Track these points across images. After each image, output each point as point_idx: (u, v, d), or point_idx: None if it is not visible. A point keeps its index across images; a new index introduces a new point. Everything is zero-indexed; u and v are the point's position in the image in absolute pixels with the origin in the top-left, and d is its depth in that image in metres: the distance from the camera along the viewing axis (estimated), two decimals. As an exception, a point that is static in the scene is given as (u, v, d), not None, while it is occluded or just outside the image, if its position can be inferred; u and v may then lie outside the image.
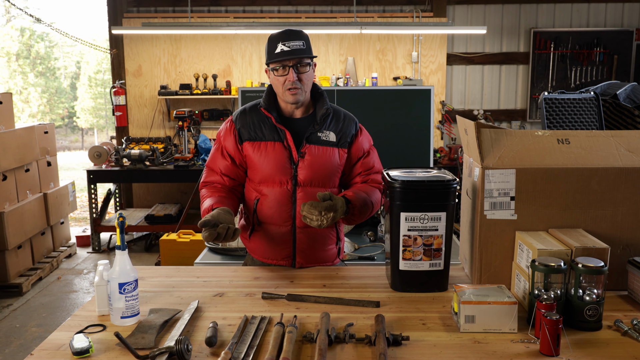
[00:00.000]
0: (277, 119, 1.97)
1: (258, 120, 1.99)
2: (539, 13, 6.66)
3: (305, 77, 1.92)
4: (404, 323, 1.53)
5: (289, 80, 1.89)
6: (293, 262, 2.04)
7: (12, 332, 3.83)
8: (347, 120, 2.06)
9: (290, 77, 1.89)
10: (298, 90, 1.91)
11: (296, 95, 1.92)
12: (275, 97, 2.02)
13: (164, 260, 4.40)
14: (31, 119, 19.97)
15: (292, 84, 1.89)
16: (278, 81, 1.92)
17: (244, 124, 2.00)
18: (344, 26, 6.07)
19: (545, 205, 1.71)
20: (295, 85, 1.90)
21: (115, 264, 1.51)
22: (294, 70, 1.89)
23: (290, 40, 1.88)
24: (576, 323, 1.47)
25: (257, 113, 2.01)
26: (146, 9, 6.72)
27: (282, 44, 1.87)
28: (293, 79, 1.89)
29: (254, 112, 2.02)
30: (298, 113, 2.02)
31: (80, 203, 8.45)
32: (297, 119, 2.02)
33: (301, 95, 1.93)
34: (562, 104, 3.15)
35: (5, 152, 4.55)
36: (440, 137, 6.79)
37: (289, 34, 1.90)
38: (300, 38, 1.90)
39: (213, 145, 2.11)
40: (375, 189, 2.04)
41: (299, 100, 1.94)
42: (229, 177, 2.05)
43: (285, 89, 1.91)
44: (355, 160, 2.07)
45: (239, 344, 1.38)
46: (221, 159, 2.05)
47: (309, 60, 1.92)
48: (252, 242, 2.09)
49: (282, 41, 1.88)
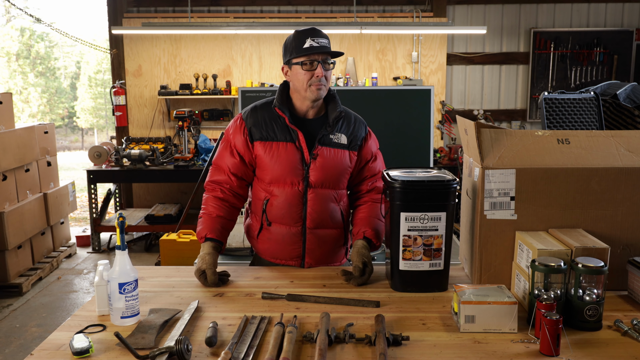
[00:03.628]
0: (291, 120, 1.96)
1: (270, 120, 1.97)
2: (539, 13, 6.66)
3: (329, 74, 1.93)
4: (404, 323, 1.53)
5: (316, 75, 1.89)
6: (302, 263, 2.04)
7: (12, 332, 3.83)
8: (358, 123, 2.07)
9: (318, 72, 1.88)
10: (322, 86, 1.91)
11: (320, 91, 1.91)
12: (288, 96, 2.01)
13: (164, 260, 4.40)
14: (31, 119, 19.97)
15: (318, 79, 1.89)
16: (304, 76, 1.90)
17: (255, 122, 1.98)
18: (344, 26, 6.07)
19: (545, 205, 1.71)
20: (321, 81, 1.90)
21: (115, 264, 1.51)
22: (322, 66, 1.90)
23: (318, 36, 1.89)
24: (576, 323, 1.47)
25: (269, 112, 1.99)
26: (146, 9, 6.72)
27: (312, 40, 1.88)
28: (321, 74, 1.89)
29: (265, 111, 2.00)
30: (311, 114, 2.01)
31: (80, 203, 8.45)
32: (310, 119, 2.01)
33: (324, 91, 1.93)
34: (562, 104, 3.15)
35: (5, 152, 4.55)
36: (440, 137, 6.79)
37: (316, 31, 1.91)
38: (326, 37, 1.93)
39: (220, 143, 2.08)
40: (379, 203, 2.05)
41: (321, 96, 1.94)
42: (237, 176, 2.02)
43: (310, 84, 1.90)
44: (364, 163, 2.07)
45: (239, 344, 1.38)
46: (230, 157, 2.02)
47: (333, 59, 1.94)
48: (261, 243, 2.07)
49: (311, 37, 1.89)
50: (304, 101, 1.97)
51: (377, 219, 2.01)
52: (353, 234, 2.02)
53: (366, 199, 2.07)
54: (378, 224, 2.00)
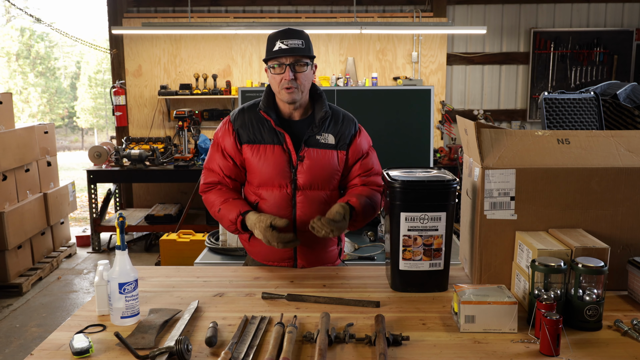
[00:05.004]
0: (277, 122, 1.95)
1: (257, 122, 1.97)
2: (539, 13, 6.66)
3: (303, 76, 1.90)
4: (404, 323, 1.53)
5: (284, 78, 1.88)
6: (294, 264, 2.03)
7: (12, 332, 3.83)
8: (346, 121, 2.04)
9: (286, 76, 1.87)
10: (294, 90, 1.89)
11: (292, 94, 1.89)
12: (274, 98, 2.00)
13: (164, 260, 4.40)
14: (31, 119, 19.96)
15: (287, 82, 1.87)
16: (275, 79, 1.91)
17: (243, 124, 1.98)
18: (344, 26, 6.07)
19: (545, 205, 1.71)
20: (291, 84, 1.88)
21: (115, 264, 1.51)
22: (291, 69, 1.87)
23: (289, 38, 1.87)
24: (576, 323, 1.47)
25: (256, 114, 1.98)
26: (146, 9, 6.72)
27: (281, 42, 1.86)
28: (289, 78, 1.87)
29: (252, 113, 1.99)
30: (297, 115, 2.00)
31: (80, 203, 8.45)
32: (296, 121, 2.00)
33: (297, 94, 1.91)
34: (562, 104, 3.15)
35: (5, 152, 4.55)
36: (440, 137, 6.79)
37: (288, 32, 1.89)
38: (299, 37, 1.89)
39: (211, 147, 2.07)
40: (375, 192, 2.02)
41: (294, 99, 1.92)
42: (231, 178, 2.02)
43: (281, 87, 1.90)
44: (354, 161, 2.04)
45: (239, 344, 1.38)
46: (221, 159, 2.01)
47: (307, 60, 1.90)
48: (252, 245, 2.07)
49: (280, 39, 1.87)
50: (284, 105, 1.97)
51: (366, 196, 1.96)
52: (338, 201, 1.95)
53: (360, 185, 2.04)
54: (366, 201, 1.94)
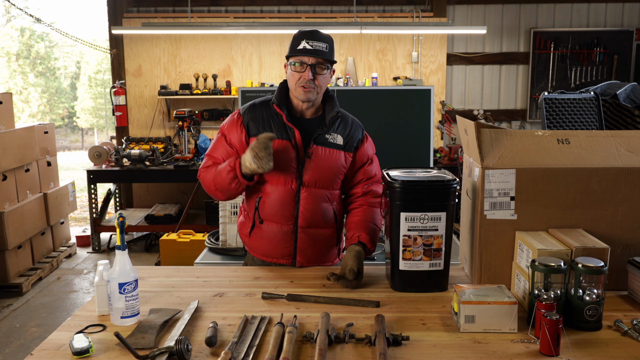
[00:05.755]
0: (288, 117, 1.98)
1: (268, 117, 1.99)
2: (539, 13, 6.66)
3: (321, 79, 1.94)
4: (404, 323, 1.53)
5: (303, 77, 1.91)
6: (293, 261, 2.04)
7: (12, 332, 3.83)
8: (355, 126, 2.08)
9: (305, 75, 1.91)
10: (310, 89, 1.92)
11: (307, 94, 1.93)
12: (287, 94, 2.03)
13: (164, 260, 4.40)
14: (31, 119, 19.96)
15: (306, 82, 1.91)
16: (293, 76, 1.94)
17: (253, 118, 2.00)
18: (344, 26, 6.07)
19: (545, 205, 1.71)
20: (309, 84, 1.91)
21: (115, 264, 1.51)
22: (311, 70, 1.91)
23: (314, 40, 1.90)
24: (576, 323, 1.47)
25: (268, 109, 2.01)
26: (146, 9, 6.72)
27: (306, 42, 1.90)
28: (308, 78, 1.90)
29: (264, 108, 2.02)
30: (308, 113, 2.03)
31: (80, 203, 8.45)
32: (307, 119, 2.03)
33: (313, 94, 1.94)
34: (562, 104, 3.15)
35: (5, 152, 4.55)
36: (440, 137, 6.79)
37: (315, 33, 1.92)
38: (325, 41, 1.93)
39: (215, 138, 2.08)
40: (376, 209, 2.04)
41: (309, 98, 1.95)
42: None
43: (298, 85, 1.93)
44: (359, 166, 2.08)
45: (239, 344, 1.38)
46: (225, 148, 2.02)
47: (328, 64, 1.95)
48: (253, 240, 2.08)
49: (306, 39, 1.90)
50: (298, 101, 2.00)
51: (372, 223, 2.01)
52: (347, 238, 2.01)
53: (361, 202, 2.07)
54: (373, 229, 2.00)
